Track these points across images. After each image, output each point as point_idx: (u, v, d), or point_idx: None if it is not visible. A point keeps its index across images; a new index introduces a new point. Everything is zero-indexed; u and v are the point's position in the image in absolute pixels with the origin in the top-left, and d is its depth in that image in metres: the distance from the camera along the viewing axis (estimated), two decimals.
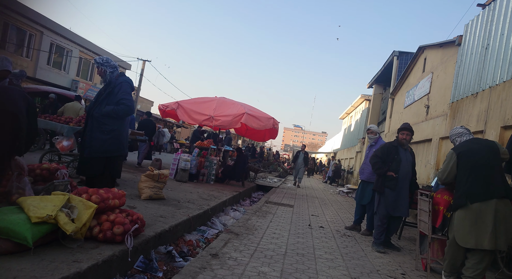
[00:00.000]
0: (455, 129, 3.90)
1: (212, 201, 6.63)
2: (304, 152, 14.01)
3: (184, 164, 8.64)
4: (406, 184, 4.76)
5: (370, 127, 5.92)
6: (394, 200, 4.73)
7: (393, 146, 4.89)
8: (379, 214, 4.88)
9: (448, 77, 7.87)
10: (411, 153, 4.89)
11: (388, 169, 4.80)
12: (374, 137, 5.82)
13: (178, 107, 8.96)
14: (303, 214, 6.98)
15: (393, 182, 4.71)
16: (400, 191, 4.72)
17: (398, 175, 4.72)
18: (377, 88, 17.54)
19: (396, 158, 4.76)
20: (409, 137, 4.86)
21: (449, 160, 3.60)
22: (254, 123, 9.02)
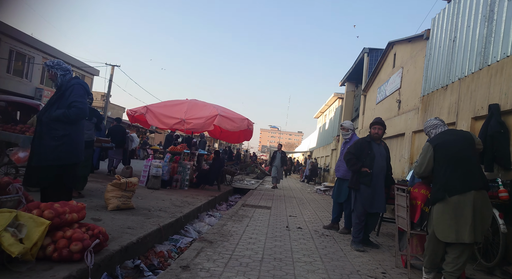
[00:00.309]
0: (429, 121, 3.83)
1: (186, 207, 6.35)
2: (281, 152, 13.55)
3: (155, 170, 8.29)
4: (381, 180, 4.68)
5: (343, 124, 5.82)
6: (370, 197, 4.63)
7: (366, 142, 4.80)
8: (356, 211, 4.77)
9: (418, 71, 7.93)
10: (385, 148, 4.81)
11: (362, 165, 4.70)
12: (347, 133, 5.73)
13: (147, 112, 8.60)
14: (280, 216, 6.81)
15: (368, 178, 4.61)
16: (376, 187, 4.63)
17: (372, 171, 4.62)
18: (349, 86, 17.71)
19: (370, 154, 4.67)
20: (381, 131, 4.78)
21: (426, 153, 3.52)
22: (228, 125, 8.80)
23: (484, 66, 5.02)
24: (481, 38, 5.18)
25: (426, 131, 3.85)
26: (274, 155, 13.58)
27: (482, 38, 5.15)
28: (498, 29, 4.76)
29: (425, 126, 3.86)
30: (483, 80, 5.00)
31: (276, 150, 13.80)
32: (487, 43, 5.01)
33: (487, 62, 4.95)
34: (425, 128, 3.87)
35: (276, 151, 13.66)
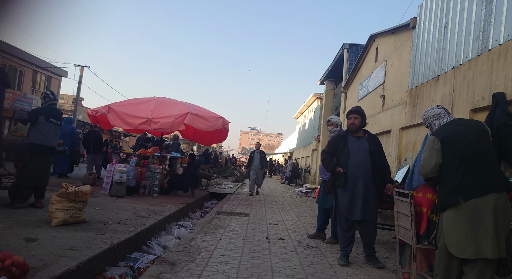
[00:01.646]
0: (430, 110, 3.20)
1: (151, 218, 5.52)
2: (259, 152, 11.81)
3: (119, 176, 7.40)
4: (361, 179, 3.88)
5: (330, 118, 5.15)
6: (347, 201, 3.92)
7: (341, 137, 4.13)
8: (338, 219, 4.11)
9: (403, 64, 7.40)
10: (369, 141, 4.06)
11: (337, 164, 4.04)
12: (335, 129, 5.05)
13: (109, 111, 7.70)
14: (260, 224, 6.08)
15: (342, 179, 3.93)
16: (354, 189, 3.88)
17: (347, 170, 3.92)
18: (329, 84, 17.23)
19: (343, 150, 3.99)
20: (358, 120, 4.04)
21: (431, 148, 2.87)
22: (201, 124, 8.01)
23: (484, 51, 4.47)
24: (478, 21, 4.64)
25: (427, 122, 3.22)
26: (252, 156, 11.86)
27: (479, 21, 4.61)
28: (499, 8, 4.22)
29: (426, 117, 3.23)
30: (483, 67, 4.45)
31: (254, 150, 12.03)
32: (486, 26, 4.47)
33: (487, 47, 4.40)
34: (425, 119, 3.24)
35: (254, 152, 11.93)
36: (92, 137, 10.02)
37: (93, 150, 10.24)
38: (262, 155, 11.81)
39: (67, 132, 9.70)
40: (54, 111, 5.59)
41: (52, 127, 5.47)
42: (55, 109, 5.67)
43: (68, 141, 9.63)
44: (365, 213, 3.87)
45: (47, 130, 5.39)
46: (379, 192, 3.90)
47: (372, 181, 3.91)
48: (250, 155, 11.98)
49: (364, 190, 3.87)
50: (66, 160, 9.66)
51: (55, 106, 5.78)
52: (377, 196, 3.94)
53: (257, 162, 11.55)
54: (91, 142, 9.88)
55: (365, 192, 3.87)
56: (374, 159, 3.95)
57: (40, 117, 5.32)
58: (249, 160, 11.98)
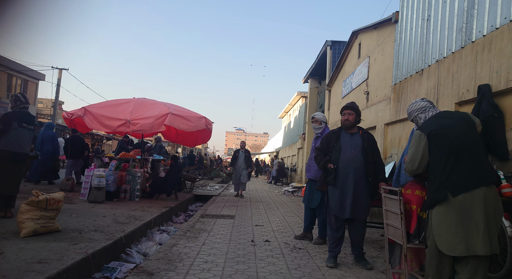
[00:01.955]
0: (415, 104, 3.08)
1: (130, 224, 5.27)
2: (244, 151, 10.82)
3: (97, 181, 7.09)
4: (352, 176, 3.72)
5: (314, 116, 5.00)
6: (337, 199, 3.76)
7: (333, 133, 3.99)
8: (328, 218, 3.97)
9: (387, 59, 7.33)
10: (363, 137, 3.91)
11: (328, 160, 3.90)
12: (320, 126, 4.90)
13: (85, 114, 7.37)
14: (245, 226, 5.89)
15: (332, 175, 3.79)
16: (345, 186, 3.72)
17: (337, 166, 3.77)
18: (313, 82, 17.18)
19: (335, 146, 3.85)
20: (352, 117, 3.89)
21: (418, 144, 2.74)
22: (183, 124, 7.75)
23: (467, 43, 4.39)
24: (461, 13, 4.57)
25: (412, 116, 3.09)
26: (236, 155, 10.91)
27: (462, 13, 4.53)
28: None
29: (410, 111, 3.10)
30: (467, 59, 4.37)
31: (238, 149, 11.03)
32: (469, 17, 4.39)
33: (471, 39, 4.33)
34: (409, 113, 3.12)
35: (238, 150, 10.92)
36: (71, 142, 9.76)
37: (72, 155, 9.92)
38: (247, 155, 10.80)
39: (48, 138, 9.45)
40: (26, 116, 5.25)
41: (25, 133, 5.14)
42: (27, 113, 5.34)
43: (49, 147, 9.37)
44: (355, 212, 3.71)
45: (19, 136, 5.06)
46: (372, 190, 3.74)
47: (363, 179, 3.74)
48: (234, 154, 11.06)
49: (354, 188, 3.71)
50: (41, 166, 9.29)
51: (27, 110, 5.45)
52: (369, 195, 3.78)
53: (241, 162, 10.65)
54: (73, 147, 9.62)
55: (355, 190, 3.71)
56: (367, 156, 3.78)
57: (13, 123, 5.00)
58: (233, 159, 11.01)
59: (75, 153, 9.94)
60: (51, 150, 9.45)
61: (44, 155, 9.22)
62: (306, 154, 16.72)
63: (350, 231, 3.88)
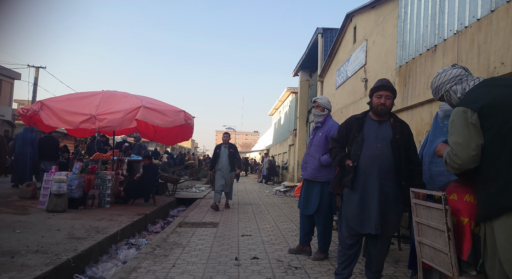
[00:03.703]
0: (444, 73, 2.21)
1: (88, 240, 4.28)
2: (229, 146, 7.97)
3: (57, 186, 6.05)
4: (376, 178, 2.79)
5: (317, 99, 4.03)
6: (356, 206, 2.83)
7: (356, 120, 3.02)
8: (339, 231, 3.03)
9: (388, 40, 6.45)
10: (394, 127, 2.92)
11: (345, 155, 2.98)
12: (321, 114, 3.95)
13: (42, 108, 6.33)
14: (230, 237, 4.94)
15: (350, 176, 2.86)
16: (366, 191, 2.80)
17: (358, 164, 2.86)
18: (303, 75, 16.27)
19: (357, 137, 2.92)
20: (390, 101, 2.91)
21: (464, 125, 1.84)
22: (158, 119, 6.76)
23: (501, 4, 3.51)
24: None
25: (442, 91, 2.22)
26: (217, 151, 8.02)
27: None
28: None
29: (439, 83, 2.23)
30: (500, 25, 3.49)
31: (220, 144, 8.14)
32: None
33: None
34: (437, 87, 2.24)
35: (220, 146, 8.06)
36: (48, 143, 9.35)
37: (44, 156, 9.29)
38: (232, 151, 7.92)
39: (28, 141, 9.25)
40: None
41: None
42: None
43: (30, 150, 9.21)
44: (379, 225, 2.75)
45: None
46: (405, 198, 2.76)
47: (393, 182, 2.81)
48: (214, 151, 8.17)
49: (379, 193, 2.77)
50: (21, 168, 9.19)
51: None
52: (400, 204, 2.84)
53: (225, 161, 7.82)
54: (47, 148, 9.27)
55: (381, 196, 2.77)
56: (399, 152, 2.82)
57: None
58: (213, 158, 8.13)
59: (43, 154, 9.35)
60: (31, 152, 9.25)
61: (25, 158, 9.11)
62: (298, 151, 15.83)
63: (368, 249, 2.94)
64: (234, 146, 8.16)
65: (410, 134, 2.97)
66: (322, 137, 3.83)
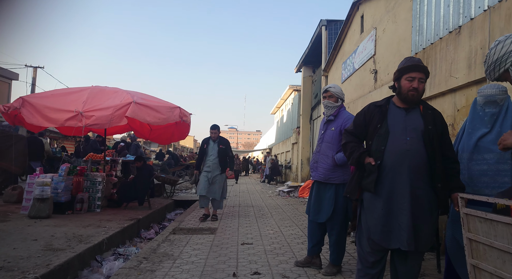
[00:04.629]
0: (503, 45, 1.71)
1: (67, 251, 3.75)
2: (219, 141, 6.43)
3: (40, 190, 5.53)
4: (406, 179, 2.21)
5: (329, 88, 3.44)
6: (380, 215, 2.26)
7: (377, 107, 2.46)
8: (359, 246, 2.47)
9: (401, 26, 5.89)
10: (425, 116, 2.34)
11: (365, 152, 2.42)
12: (334, 105, 3.36)
13: (23, 105, 5.81)
14: (228, 246, 4.40)
15: (372, 177, 2.29)
16: (394, 195, 2.23)
17: (382, 162, 2.29)
18: (306, 71, 15.71)
19: (380, 129, 2.36)
20: (422, 85, 2.36)
21: None
22: (150, 116, 6.22)
23: None
24: None
25: (503, 66, 1.73)
26: (204, 148, 6.50)
27: None
28: None
29: (498, 57, 1.80)
30: None
31: (207, 138, 6.57)
32: None
33: None
34: (501, 58, 1.76)
35: (208, 140, 6.51)
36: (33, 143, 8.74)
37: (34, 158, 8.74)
38: (223, 147, 6.39)
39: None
40: None
41: None
42: None
43: None
44: (411, 240, 2.17)
45: None
46: (441, 204, 2.24)
47: (425, 183, 2.26)
48: (201, 147, 6.64)
49: (410, 198, 2.20)
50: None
51: None
52: (435, 211, 2.29)
53: (214, 160, 6.27)
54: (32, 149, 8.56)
55: (412, 202, 2.20)
56: (433, 146, 2.26)
57: None
58: (200, 155, 6.58)
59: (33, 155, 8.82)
60: None
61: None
62: (302, 149, 15.27)
63: (395, 266, 2.38)
64: (225, 141, 6.61)
65: (445, 125, 2.42)
66: (336, 131, 3.28)
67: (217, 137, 6.51)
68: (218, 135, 6.55)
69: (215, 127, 6.54)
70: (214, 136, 6.49)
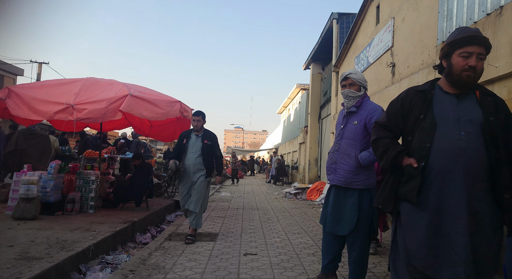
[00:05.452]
0: None
1: (42, 261, 3.26)
2: (202, 134, 4.82)
3: (25, 189, 5.06)
4: (461, 187, 1.68)
5: (350, 75, 2.84)
6: (426, 235, 1.73)
7: (418, 93, 1.91)
8: (394, 271, 1.93)
9: (424, 13, 5.32)
10: (482, 103, 1.80)
11: (404, 150, 1.87)
12: (356, 94, 2.79)
13: (9, 96, 5.34)
14: (229, 257, 3.87)
15: (414, 184, 1.76)
16: (444, 208, 1.71)
17: (428, 164, 1.77)
18: (315, 68, 15.14)
19: (423, 121, 1.82)
20: (481, 63, 1.78)
21: None
22: (147, 111, 5.73)
23: None
24: None
25: None
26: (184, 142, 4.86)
27: None
28: None
29: None
30: None
31: (189, 131, 4.98)
32: None
33: None
34: None
35: (190, 133, 4.94)
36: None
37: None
38: (208, 144, 4.77)
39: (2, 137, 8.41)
40: None
41: None
42: None
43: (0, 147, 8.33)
44: (472, 269, 1.64)
45: None
46: (509, 221, 1.71)
47: (488, 194, 1.72)
48: (179, 141, 4.96)
49: (468, 213, 1.67)
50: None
51: None
52: (499, 229, 1.74)
53: (196, 158, 4.70)
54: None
55: (470, 218, 1.66)
56: (496, 144, 1.73)
57: None
58: (175, 151, 5.05)
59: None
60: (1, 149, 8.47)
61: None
62: (310, 149, 14.70)
63: None
64: (212, 135, 4.92)
65: (509, 114, 1.85)
66: (359, 126, 2.72)
67: (201, 127, 4.84)
68: (202, 126, 4.87)
69: (199, 114, 4.85)
70: (197, 125, 4.79)
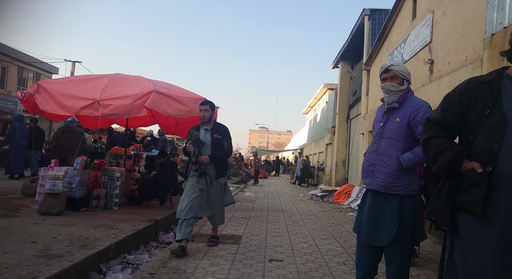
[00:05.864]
0: None
1: (62, 260, 3.17)
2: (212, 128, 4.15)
3: (51, 184, 5.07)
4: None
5: (391, 67, 2.54)
6: (494, 255, 1.43)
7: (481, 85, 1.62)
8: None
9: (469, 4, 4.91)
10: None
11: (465, 151, 1.58)
12: (399, 88, 2.51)
13: (38, 90, 5.37)
14: (253, 262, 3.66)
15: (479, 193, 1.47)
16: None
17: (496, 169, 1.46)
18: (344, 66, 14.69)
19: (489, 118, 1.53)
20: None
21: None
22: (171, 108, 5.62)
23: None
24: None
25: None
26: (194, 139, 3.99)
27: None
28: None
29: None
30: None
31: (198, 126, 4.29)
32: None
33: None
34: None
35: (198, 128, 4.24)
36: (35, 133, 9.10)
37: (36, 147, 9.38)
38: (219, 138, 4.10)
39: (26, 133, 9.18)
40: None
41: None
42: None
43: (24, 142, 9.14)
44: None
45: None
46: None
47: None
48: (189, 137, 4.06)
49: None
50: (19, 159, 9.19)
51: None
52: None
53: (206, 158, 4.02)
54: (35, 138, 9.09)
55: None
56: None
57: None
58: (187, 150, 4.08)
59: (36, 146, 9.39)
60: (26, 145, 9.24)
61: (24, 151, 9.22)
62: (337, 151, 14.27)
63: None
64: (223, 128, 4.25)
65: None
66: (403, 124, 2.43)
67: (209, 119, 4.13)
68: (211, 117, 4.15)
69: (207, 102, 4.19)
70: (204, 115, 4.09)
